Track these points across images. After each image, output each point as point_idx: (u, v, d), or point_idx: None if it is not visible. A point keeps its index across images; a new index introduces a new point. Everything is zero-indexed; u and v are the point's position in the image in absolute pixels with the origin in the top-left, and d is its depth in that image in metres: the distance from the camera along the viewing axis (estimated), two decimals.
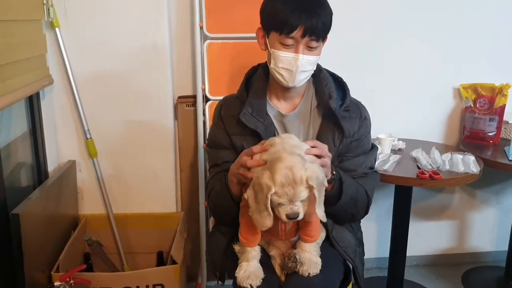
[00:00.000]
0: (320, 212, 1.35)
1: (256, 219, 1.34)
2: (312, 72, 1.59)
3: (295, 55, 1.51)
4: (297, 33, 1.47)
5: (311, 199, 1.34)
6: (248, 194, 1.34)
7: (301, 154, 1.34)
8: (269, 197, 1.28)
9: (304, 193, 1.28)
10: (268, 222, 1.32)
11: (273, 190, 1.27)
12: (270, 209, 1.30)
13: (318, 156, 1.42)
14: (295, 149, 1.35)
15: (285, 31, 1.48)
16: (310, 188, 1.28)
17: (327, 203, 1.53)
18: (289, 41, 1.50)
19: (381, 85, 2.61)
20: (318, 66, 1.68)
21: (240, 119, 1.58)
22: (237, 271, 1.46)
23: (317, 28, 1.47)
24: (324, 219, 1.38)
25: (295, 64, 1.51)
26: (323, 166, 1.42)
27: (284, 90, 1.63)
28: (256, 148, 1.42)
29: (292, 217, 1.31)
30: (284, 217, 1.31)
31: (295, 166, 1.27)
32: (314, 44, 1.51)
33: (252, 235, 1.45)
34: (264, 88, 1.66)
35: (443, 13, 2.56)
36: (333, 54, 2.13)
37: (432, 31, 2.58)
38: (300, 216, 1.32)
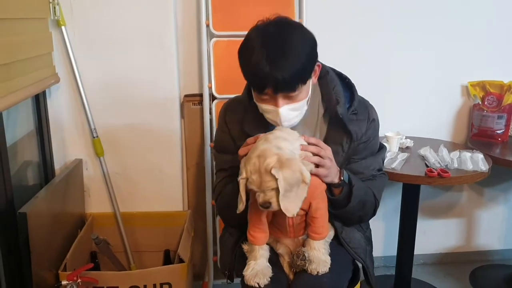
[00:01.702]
0: (284, 204, 1.29)
1: None
2: (304, 110, 1.49)
3: (275, 109, 1.43)
4: (267, 90, 1.39)
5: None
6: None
7: (280, 145, 1.32)
8: (241, 182, 1.32)
9: (271, 183, 1.28)
10: (240, 206, 1.36)
11: (243, 175, 1.31)
12: (242, 193, 1.34)
13: (316, 155, 1.41)
14: (277, 140, 1.33)
15: (257, 90, 1.43)
16: (276, 180, 1.27)
17: (336, 207, 1.52)
18: (266, 97, 1.43)
19: (389, 83, 2.59)
20: (325, 67, 1.61)
21: (244, 128, 1.56)
22: (245, 269, 1.45)
23: (286, 83, 1.36)
24: (289, 214, 1.31)
25: (278, 117, 1.44)
26: (321, 166, 1.41)
27: None
28: (249, 139, 1.43)
29: (263, 205, 1.31)
30: (259, 205, 1.33)
31: (264, 156, 1.28)
32: (292, 94, 1.41)
33: (260, 233, 1.45)
34: None
35: (452, 10, 2.55)
36: (340, 53, 2.13)
37: (440, 28, 2.56)
38: (273, 206, 1.30)
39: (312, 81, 1.49)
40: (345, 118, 1.55)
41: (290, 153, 1.32)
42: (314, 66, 1.46)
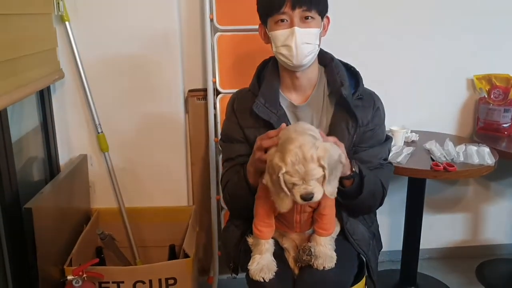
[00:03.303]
0: (329, 189, 1.30)
1: (276, 202, 1.33)
2: (316, 48, 1.57)
3: (290, 29, 1.52)
4: (286, 7, 1.49)
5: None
6: (266, 179, 1.34)
7: (313, 135, 1.31)
8: (281, 178, 1.27)
9: (316, 171, 1.26)
10: (287, 203, 1.31)
11: (283, 170, 1.26)
12: (286, 189, 1.29)
13: None
14: (308, 131, 1.32)
15: (275, 9, 1.51)
16: (322, 167, 1.26)
17: (347, 198, 1.52)
18: (282, 16, 1.51)
19: (394, 77, 2.58)
20: (330, 56, 1.67)
21: (253, 110, 1.58)
22: (249, 263, 1.45)
23: None
24: (332, 196, 1.34)
25: (292, 37, 1.51)
26: None
27: (294, 78, 1.62)
28: (272, 132, 1.42)
29: (306, 197, 1.27)
30: (298, 199, 1.28)
31: (305, 145, 1.26)
32: (308, 14, 1.51)
33: (266, 227, 1.45)
34: (276, 80, 1.65)
35: (457, 3, 2.53)
36: (346, 46, 2.12)
37: (445, 22, 2.54)
38: (315, 197, 1.28)
39: (321, 33, 1.58)
40: (350, 99, 1.58)
41: (323, 141, 1.32)
42: (327, 7, 1.57)
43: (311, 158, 1.25)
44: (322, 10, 1.55)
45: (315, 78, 1.65)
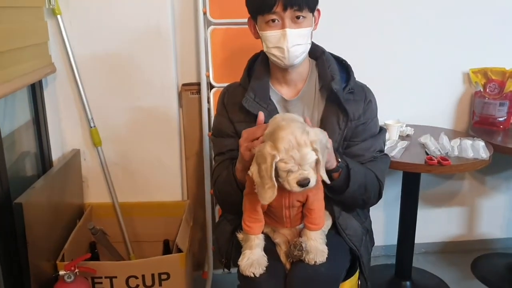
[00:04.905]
0: (324, 175, 1.33)
1: (260, 193, 1.31)
2: (308, 46, 1.56)
3: (282, 31, 1.49)
4: (277, 7, 1.46)
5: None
6: (252, 170, 1.32)
7: (302, 121, 1.33)
8: (273, 166, 1.26)
9: (311, 155, 1.26)
10: (271, 193, 1.29)
11: (277, 158, 1.25)
12: (274, 179, 1.27)
13: None
14: (296, 118, 1.33)
15: (266, 9, 1.48)
16: (314, 151, 1.26)
17: (335, 192, 1.51)
18: (273, 16, 1.48)
19: (389, 71, 2.56)
20: (321, 49, 1.66)
21: (243, 105, 1.56)
22: (240, 259, 1.45)
23: None
24: (328, 181, 1.36)
25: (284, 40, 1.49)
26: None
27: (285, 73, 1.61)
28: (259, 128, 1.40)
29: (303, 183, 1.27)
30: (295, 186, 1.28)
31: (296, 131, 1.26)
32: (299, 14, 1.48)
33: (255, 223, 1.44)
34: (266, 74, 1.64)
35: None
36: (340, 39, 2.11)
37: (440, 15, 2.52)
38: (312, 183, 1.28)
39: (313, 27, 1.56)
40: (340, 94, 1.57)
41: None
42: (317, 1, 1.53)
43: (304, 143, 1.25)
44: (313, 7, 1.53)
45: (306, 72, 1.64)
